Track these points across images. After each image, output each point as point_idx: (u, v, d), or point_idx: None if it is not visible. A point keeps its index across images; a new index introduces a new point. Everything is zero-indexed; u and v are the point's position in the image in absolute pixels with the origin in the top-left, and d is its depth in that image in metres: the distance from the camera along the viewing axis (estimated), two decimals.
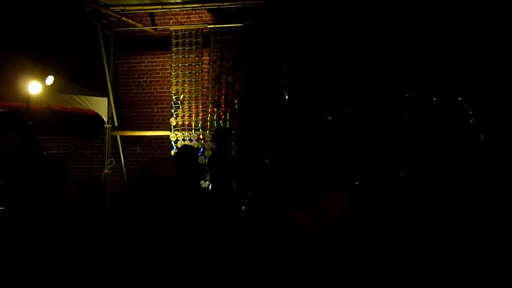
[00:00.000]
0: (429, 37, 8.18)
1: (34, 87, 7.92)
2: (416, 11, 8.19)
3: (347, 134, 8.50)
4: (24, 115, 7.59)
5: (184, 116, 10.18)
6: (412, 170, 6.63)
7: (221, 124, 9.88)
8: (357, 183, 6.60)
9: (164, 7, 10.02)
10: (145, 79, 10.74)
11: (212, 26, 10.01)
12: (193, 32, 10.14)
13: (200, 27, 10.12)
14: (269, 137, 8.90)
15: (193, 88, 10.17)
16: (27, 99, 7.95)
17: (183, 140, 10.10)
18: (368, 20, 8.48)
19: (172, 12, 10.31)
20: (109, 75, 10.21)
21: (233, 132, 9.40)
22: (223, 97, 9.98)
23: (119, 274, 3.72)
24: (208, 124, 10.01)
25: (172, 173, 5.85)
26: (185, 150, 7.69)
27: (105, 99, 10.08)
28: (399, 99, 8.51)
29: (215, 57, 10.02)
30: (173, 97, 10.23)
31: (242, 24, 9.75)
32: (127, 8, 9.92)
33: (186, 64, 10.19)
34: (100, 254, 3.67)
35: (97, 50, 10.24)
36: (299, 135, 8.68)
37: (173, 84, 10.24)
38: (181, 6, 9.99)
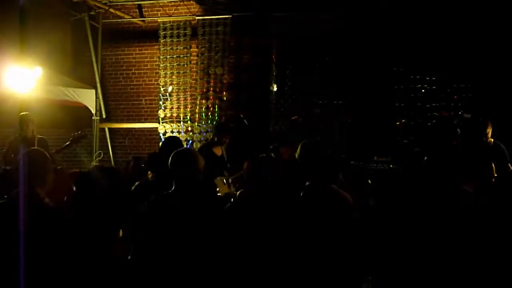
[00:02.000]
0: (425, 33, 8.26)
1: (21, 79, 7.83)
2: (412, 7, 8.23)
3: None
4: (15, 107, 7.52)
5: (172, 108, 10.17)
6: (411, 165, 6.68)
7: (210, 116, 9.88)
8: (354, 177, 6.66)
9: None
10: (133, 71, 10.70)
11: (200, 17, 9.99)
12: (181, 23, 10.12)
13: (188, 19, 10.10)
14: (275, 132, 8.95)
15: (182, 80, 10.16)
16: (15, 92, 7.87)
17: (172, 132, 10.09)
18: (365, 14, 8.52)
19: (160, 4, 10.26)
20: (97, 67, 10.18)
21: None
22: (211, 89, 9.97)
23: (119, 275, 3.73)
24: (197, 116, 10.01)
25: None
26: None
27: (93, 91, 10.06)
28: (393, 93, 8.63)
29: (203, 49, 10.01)
30: (161, 89, 10.21)
31: (230, 16, 9.75)
32: None
33: (174, 56, 10.16)
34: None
35: (85, 42, 10.19)
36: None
37: (161, 76, 10.21)
38: None
